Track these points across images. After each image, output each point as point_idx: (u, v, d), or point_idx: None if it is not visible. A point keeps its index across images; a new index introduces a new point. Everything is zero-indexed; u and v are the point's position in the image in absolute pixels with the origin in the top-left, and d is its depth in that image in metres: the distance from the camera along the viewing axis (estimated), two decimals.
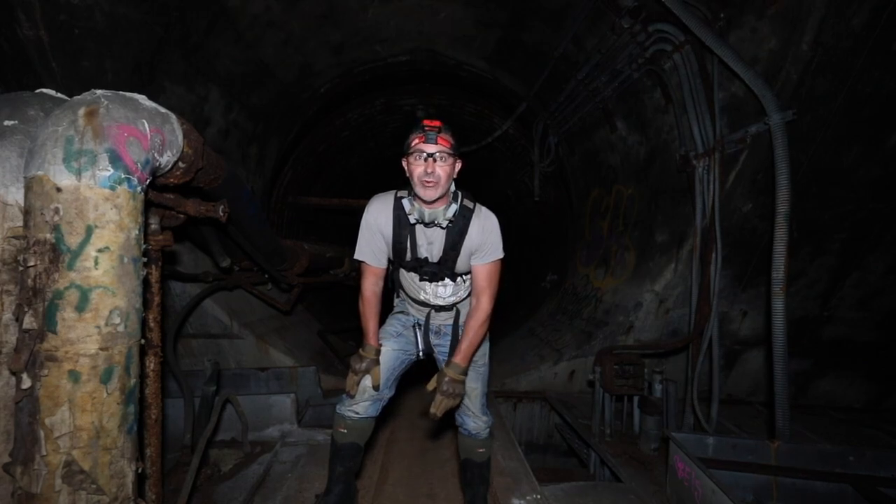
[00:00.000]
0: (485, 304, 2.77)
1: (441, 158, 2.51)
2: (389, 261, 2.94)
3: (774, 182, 4.07)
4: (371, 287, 2.89)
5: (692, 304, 5.35)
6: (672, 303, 5.83)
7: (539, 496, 3.63)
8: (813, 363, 6.01)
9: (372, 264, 2.85)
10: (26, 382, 1.85)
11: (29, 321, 1.85)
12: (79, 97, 2.02)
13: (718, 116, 4.85)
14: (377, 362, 2.89)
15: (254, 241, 4.81)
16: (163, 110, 2.26)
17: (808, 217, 4.93)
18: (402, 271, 2.99)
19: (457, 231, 2.69)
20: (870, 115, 4.50)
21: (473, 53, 7.65)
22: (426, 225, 2.69)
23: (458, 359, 2.75)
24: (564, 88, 7.15)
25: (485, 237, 2.70)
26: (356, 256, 2.86)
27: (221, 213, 3.19)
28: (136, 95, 2.14)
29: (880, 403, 6.22)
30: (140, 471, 2.14)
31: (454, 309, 3.04)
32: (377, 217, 2.77)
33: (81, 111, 1.94)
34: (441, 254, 2.76)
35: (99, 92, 2.04)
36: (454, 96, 10.01)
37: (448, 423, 5.09)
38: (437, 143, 2.50)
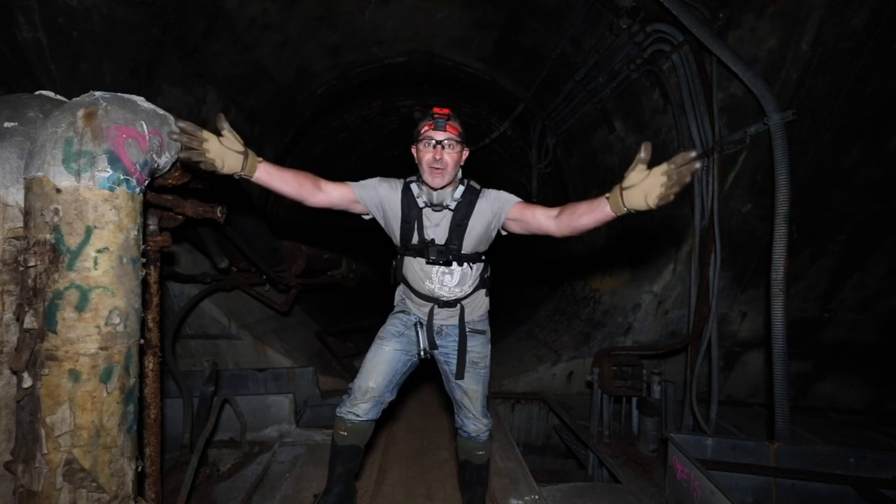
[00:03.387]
0: (556, 209, 2.55)
1: (449, 146, 2.58)
2: (395, 248, 2.95)
3: (774, 183, 4.08)
4: (323, 188, 2.64)
5: (691, 305, 5.35)
6: (671, 304, 5.83)
7: (537, 497, 3.63)
8: (813, 365, 6.01)
9: (353, 190, 2.72)
10: (27, 381, 1.85)
11: (30, 321, 1.86)
12: (78, 99, 2.03)
13: (717, 117, 4.85)
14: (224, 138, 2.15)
15: (251, 243, 4.81)
16: (161, 112, 2.27)
17: (808, 218, 4.93)
18: (408, 259, 2.96)
19: (463, 211, 2.73)
20: (870, 115, 4.49)
21: (471, 55, 7.65)
22: (433, 208, 2.73)
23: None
24: (562, 89, 7.16)
25: (493, 200, 2.73)
26: (350, 183, 2.74)
27: (219, 214, 3.19)
28: (134, 97, 2.15)
29: (881, 406, 6.21)
30: (140, 469, 2.15)
31: (458, 305, 3.01)
32: (389, 192, 2.77)
33: (80, 113, 1.94)
34: (447, 233, 2.78)
35: (98, 94, 2.04)
36: (452, 97, 10.01)
37: (447, 424, 5.11)
38: (445, 131, 2.57)
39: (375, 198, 2.79)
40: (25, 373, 1.86)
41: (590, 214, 2.33)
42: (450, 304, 2.99)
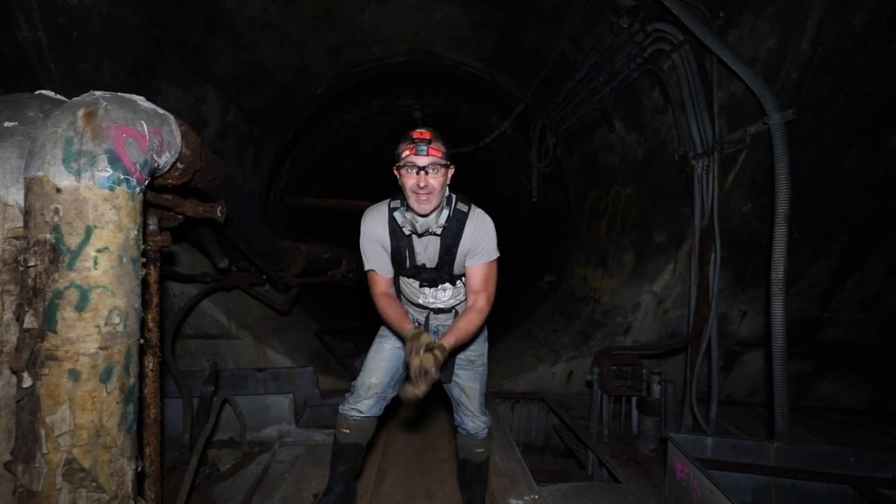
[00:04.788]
0: (482, 304, 2.71)
1: (434, 169, 2.47)
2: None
3: (774, 182, 4.07)
4: (384, 290, 2.86)
5: (691, 304, 5.35)
6: (671, 303, 5.83)
7: (536, 496, 3.63)
8: (813, 365, 6.00)
9: (382, 274, 2.85)
10: (27, 381, 1.85)
11: (30, 320, 1.86)
12: (78, 98, 2.03)
13: (717, 116, 4.85)
14: (423, 330, 2.63)
15: (251, 242, 4.81)
16: (161, 111, 2.26)
17: (808, 218, 4.91)
18: (402, 277, 2.99)
19: (451, 235, 2.68)
20: (870, 115, 4.49)
21: (471, 54, 7.65)
22: (419, 235, 2.69)
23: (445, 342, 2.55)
24: (562, 89, 7.15)
25: (477, 239, 2.68)
26: (368, 267, 2.85)
27: (219, 214, 3.19)
28: (134, 97, 2.15)
29: (881, 406, 6.20)
30: (139, 469, 2.15)
31: (453, 311, 3.04)
32: (374, 230, 2.76)
33: (80, 112, 1.94)
34: (437, 259, 2.76)
35: (98, 93, 2.04)
36: (451, 97, 10.01)
37: (446, 423, 5.11)
38: (428, 155, 2.45)
39: (379, 246, 2.81)
40: (25, 372, 1.86)
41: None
42: (445, 311, 3.01)
